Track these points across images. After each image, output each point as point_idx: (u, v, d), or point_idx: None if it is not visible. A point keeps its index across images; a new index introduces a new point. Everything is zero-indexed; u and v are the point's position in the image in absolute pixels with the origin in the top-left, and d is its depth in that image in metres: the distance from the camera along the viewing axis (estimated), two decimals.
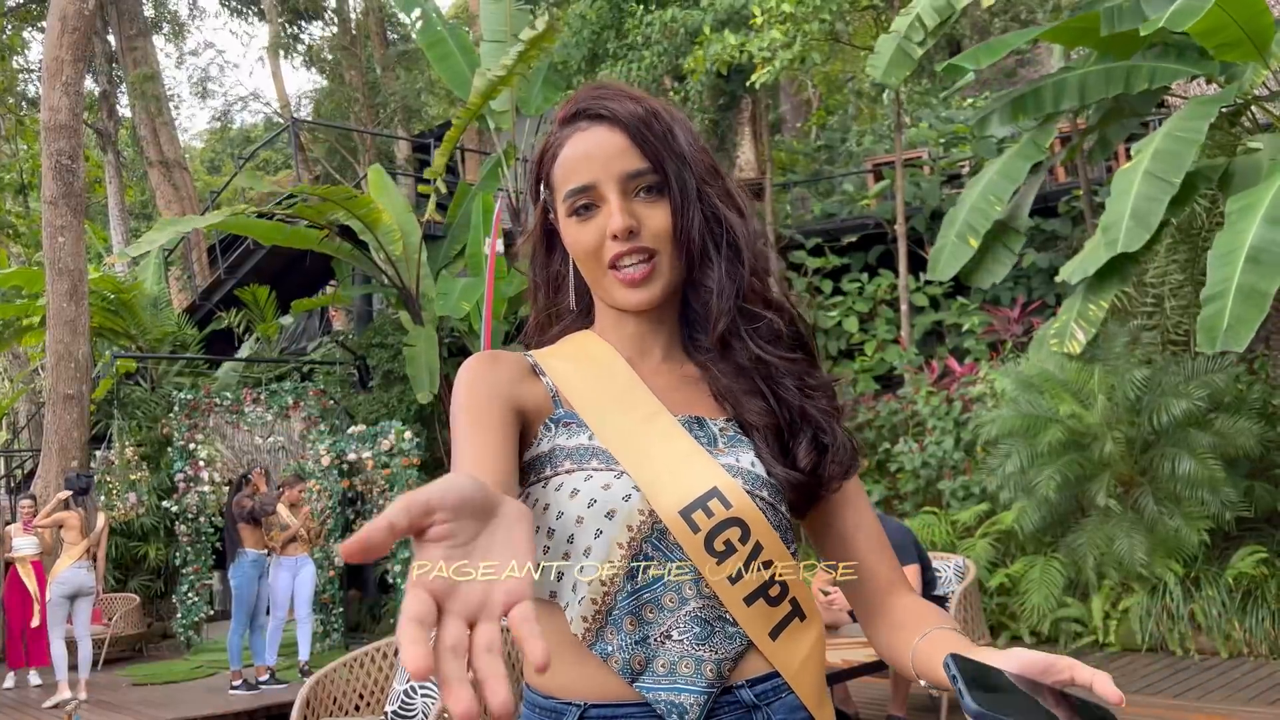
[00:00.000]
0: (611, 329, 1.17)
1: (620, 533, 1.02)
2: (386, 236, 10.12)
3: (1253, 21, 5.82)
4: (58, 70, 10.44)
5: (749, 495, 1.05)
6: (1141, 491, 6.53)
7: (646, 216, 1.10)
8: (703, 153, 1.14)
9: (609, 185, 1.09)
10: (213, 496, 9.57)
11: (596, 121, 1.11)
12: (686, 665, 1.02)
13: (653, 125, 1.11)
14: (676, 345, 1.17)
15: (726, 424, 1.12)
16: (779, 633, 1.06)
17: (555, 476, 1.06)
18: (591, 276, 1.13)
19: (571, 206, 1.11)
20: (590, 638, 1.03)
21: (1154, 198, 5.62)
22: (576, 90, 1.18)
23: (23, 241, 17.75)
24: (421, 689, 4.24)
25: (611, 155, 1.10)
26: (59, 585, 7.44)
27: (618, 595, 1.02)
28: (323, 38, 21.58)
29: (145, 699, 7.25)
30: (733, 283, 1.11)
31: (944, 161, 12.20)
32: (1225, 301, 4.97)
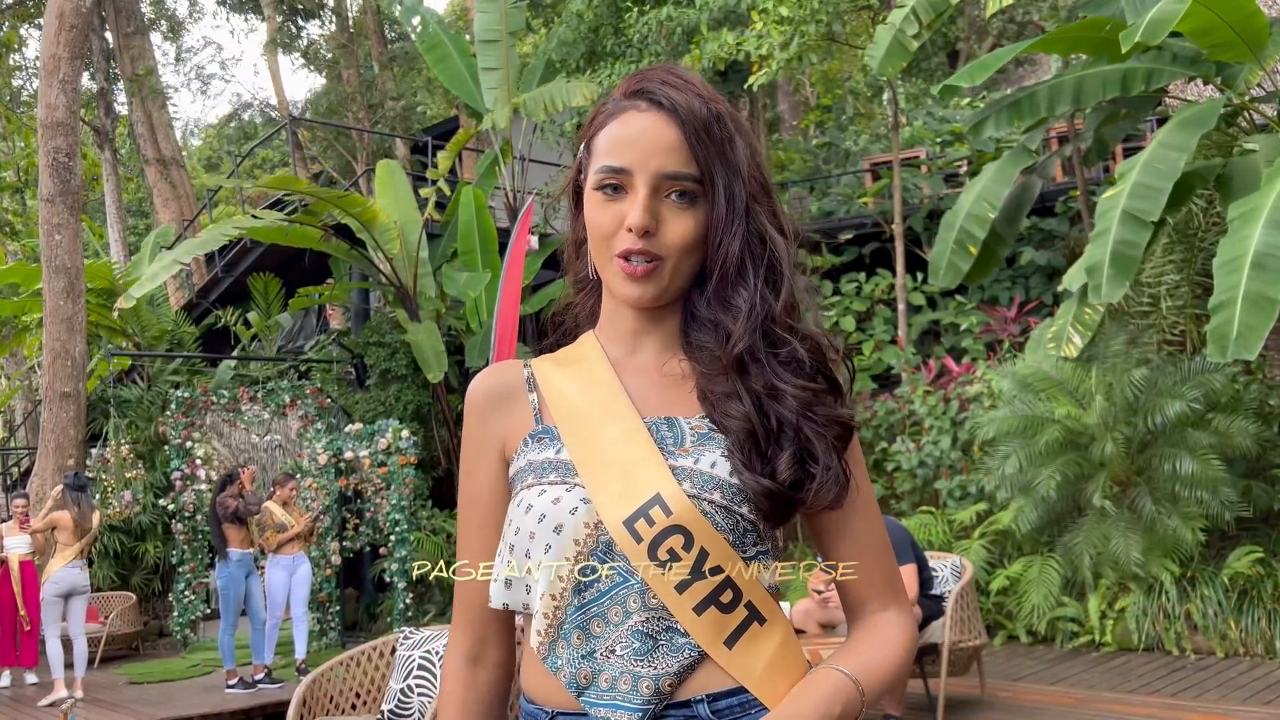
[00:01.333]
0: (611, 321, 1.17)
1: (567, 546, 1.02)
2: (383, 235, 10.11)
3: (1244, 23, 5.83)
4: (55, 67, 10.43)
5: (695, 499, 1.02)
6: (1138, 491, 6.54)
7: (669, 221, 1.07)
8: (758, 170, 1.10)
9: (642, 177, 1.07)
10: (209, 495, 9.55)
11: (655, 107, 1.08)
12: (625, 681, 1.00)
13: (712, 130, 1.08)
14: (673, 344, 1.15)
15: (700, 421, 1.08)
16: (735, 640, 1.02)
17: (520, 491, 1.08)
18: (599, 258, 1.12)
19: (599, 182, 1.09)
20: (544, 651, 1.04)
21: (1132, 242, 5.68)
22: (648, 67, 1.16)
23: (20, 239, 17.71)
24: (418, 688, 4.24)
25: (656, 148, 1.07)
26: (53, 584, 7.43)
27: (567, 609, 1.02)
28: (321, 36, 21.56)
29: (141, 697, 7.24)
30: (764, 305, 1.08)
31: (941, 161, 12.20)
32: (1234, 310, 4.96)
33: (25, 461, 15.03)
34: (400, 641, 4.47)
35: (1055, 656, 6.58)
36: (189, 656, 8.89)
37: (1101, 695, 5.59)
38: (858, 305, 10.77)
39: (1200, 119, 6.03)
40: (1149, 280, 7.24)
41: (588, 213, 1.11)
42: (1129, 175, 5.85)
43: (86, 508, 7.72)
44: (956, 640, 5.11)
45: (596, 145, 1.11)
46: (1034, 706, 5.48)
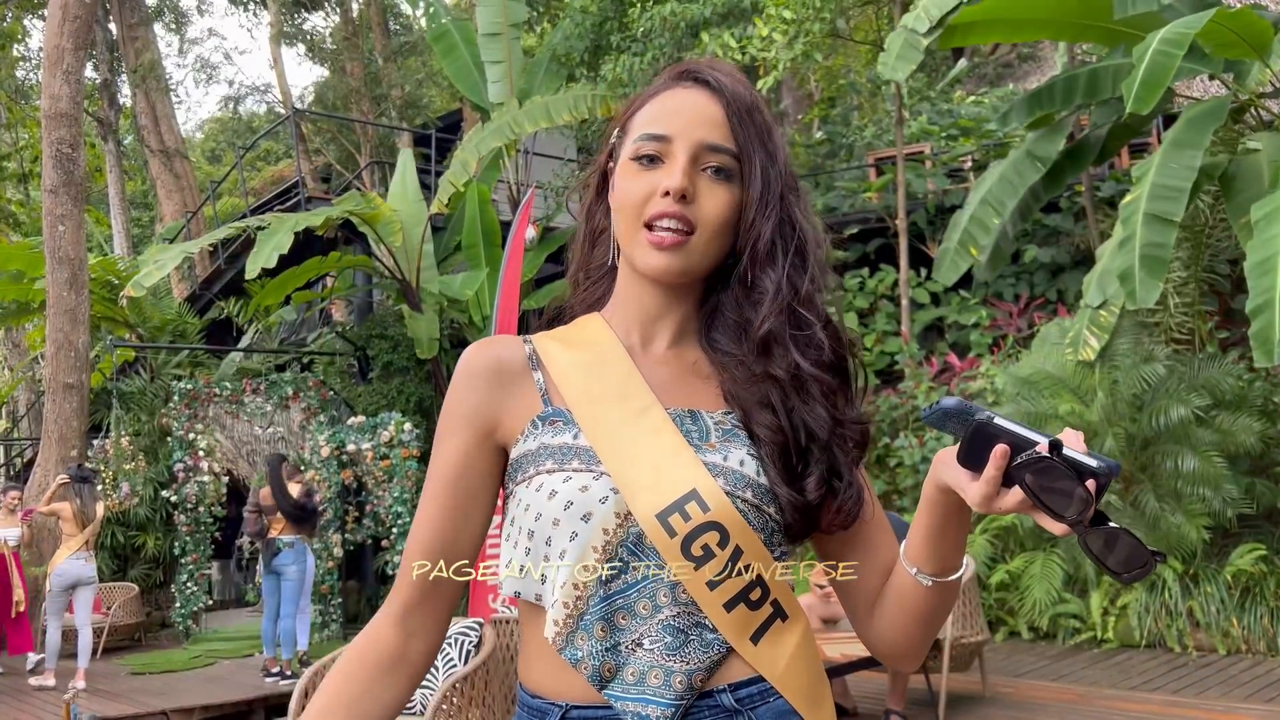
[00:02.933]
0: (625, 304, 1.13)
1: (595, 536, 1.00)
2: (385, 229, 10.11)
3: (1248, 28, 5.84)
4: (58, 58, 10.41)
5: (730, 497, 1.01)
6: (1142, 488, 6.53)
7: (705, 193, 1.06)
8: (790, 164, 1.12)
9: (683, 145, 1.06)
10: (211, 487, 9.57)
11: (701, 86, 1.09)
12: (656, 676, 0.99)
13: (754, 114, 1.09)
14: (690, 336, 1.13)
15: (724, 416, 1.08)
16: (760, 636, 1.02)
17: (537, 476, 1.04)
18: (625, 230, 1.09)
19: (638, 150, 1.08)
20: (560, 642, 1.01)
21: (1160, 243, 5.71)
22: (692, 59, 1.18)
23: (23, 230, 17.72)
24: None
25: (700, 120, 1.07)
26: (58, 577, 7.44)
27: (590, 600, 1.00)
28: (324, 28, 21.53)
29: (143, 688, 7.25)
30: (791, 288, 1.08)
31: (945, 156, 12.17)
32: (1273, 312, 4.93)
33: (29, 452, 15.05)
34: None
35: (1057, 653, 6.57)
36: (191, 648, 8.91)
37: (1103, 692, 5.59)
38: (861, 301, 10.75)
39: (1211, 115, 6.03)
40: None
41: (620, 183, 1.10)
42: (1145, 178, 5.85)
43: (89, 499, 7.71)
44: (958, 636, 5.10)
45: (634, 122, 1.11)
46: (1035, 703, 5.47)
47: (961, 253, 7.73)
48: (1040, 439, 0.87)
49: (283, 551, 7.15)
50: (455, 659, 4.23)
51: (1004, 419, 0.90)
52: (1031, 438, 0.88)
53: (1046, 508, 0.88)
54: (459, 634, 4.30)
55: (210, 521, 9.53)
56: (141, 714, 6.43)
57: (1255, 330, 5.01)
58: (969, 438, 0.91)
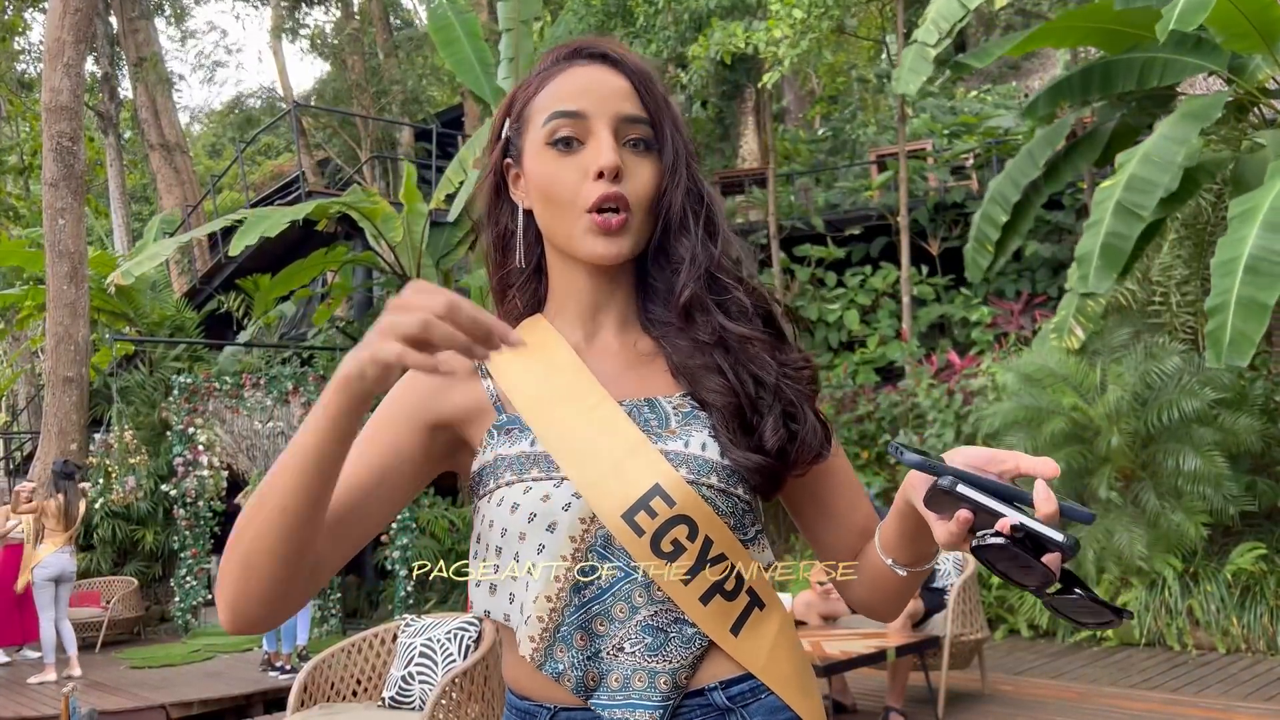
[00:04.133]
0: (563, 300, 1.09)
1: (563, 545, 0.97)
2: (386, 224, 10.10)
3: (1261, 14, 5.81)
4: (59, 51, 10.40)
5: (694, 486, 0.98)
6: (1142, 486, 6.53)
7: (632, 167, 1.03)
8: (686, 129, 1.09)
9: (602, 121, 1.02)
10: (211, 481, 9.56)
11: (598, 61, 1.06)
12: (640, 679, 0.97)
13: (655, 83, 1.07)
14: (632, 319, 1.10)
15: (682, 399, 1.05)
16: (740, 627, 1.00)
17: (498, 490, 1.01)
18: (558, 222, 1.04)
19: (552, 133, 1.02)
20: (539, 658, 0.98)
21: (1123, 234, 5.68)
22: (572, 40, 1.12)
23: (23, 223, 17.70)
24: (420, 676, 4.24)
25: (610, 94, 1.03)
26: (43, 570, 7.49)
27: (565, 611, 0.97)
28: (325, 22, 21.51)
29: (142, 681, 7.25)
30: (706, 254, 1.06)
31: (948, 154, 12.16)
32: (1227, 314, 4.89)
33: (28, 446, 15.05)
34: (402, 629, 4.47)
35: (1056, 650, 6.57)
36: (190, 642, 8.91)
37: (1102, 690, 5.59)
38: (863, 298, 10.75)
39: (1203, 112, 6.01)
40: (1158, 278, 7.22)
41: (539, 172, 1.04)
42: (1126, 167, 5.84)
43: (73, 495, 7.74)
44: (958, 634, 5.10)
45: (533, 108, 1.05)
46: (1035, 700, 5.47)
47: (980, 250, 7.91)
48: (1004, 511, 0.85)
49: None
50: (454, 654, 4.22)
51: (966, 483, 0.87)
52: (995, 509, 0.85)
53: (1006, 576, 0.88)
54: (458, 629, 4.30)
55: (210, 516, 9.53)
56: (140, 708, 6.43)
57: (1210, 329, 4.98)
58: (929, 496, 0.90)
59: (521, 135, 1.07)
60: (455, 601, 8.96)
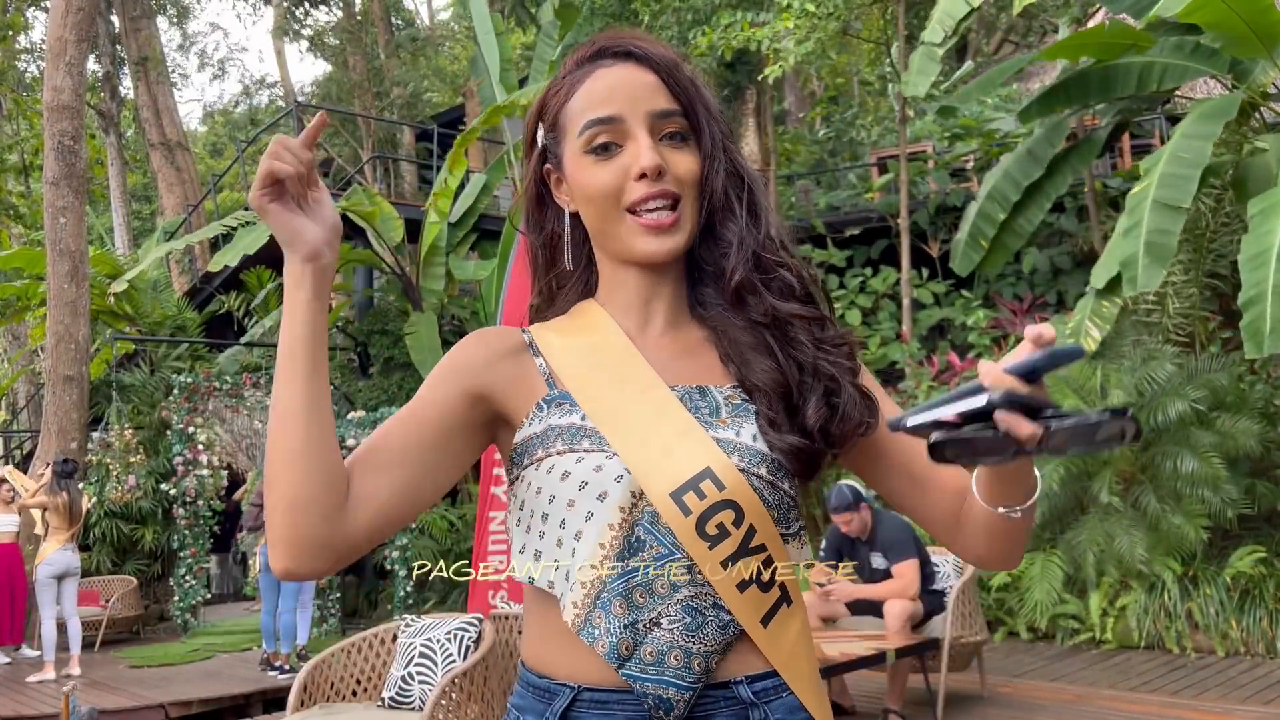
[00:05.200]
0: (615, 292, 1.11)
1: (612, 514, 0.98)
2: (385, 225, 10.11)
3: (1259, 18, 5.82)
4: (61, 50, 10.40)
5: (744, 474, 1.00)
6: (1142, 489, 6.53)
7: (673, 160, 1.04)
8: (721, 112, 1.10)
9: (636, 121, 1.03)
10: (211, 480, 9.56)
11: (623, 59, 1.06)
12: (675, 657, 0.98)
13: (682, 69, 1.07)
14: (682, 308, 1.12)
15: (733, 391, 1.07)
16: (770, 619, 1.01)
17: (547, 458, 1.02)
18: (604, 224, 1.06)
19: (590, 141, 1.04)
20: (579, 623, 0.99)
21: (1166, 229, 5.68)
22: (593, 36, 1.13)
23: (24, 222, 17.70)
24: (419, 676, 4.24)
25: (641, 92, 1.05)
26: (47, 566, 7.50)
27: (607, 579, 0.98)
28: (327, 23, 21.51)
29: (141, 680, 7.25)
30: (753, 235, 1.08)
31: (949, 156, 12.16)
32: (1264, 305, 4.97)
33: (28, 444, 15.05)
34: (402, 629, 4.48)
35: (1055, 653, 6.57)
36: (189, 641, 8.91)
37: (1101, 692, 5.59)
38: (863, 300, 10.75)
39: (1221, 110, 6.05)
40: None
41: (581, 178, 1.06)
42: (1154, 169, 5.85)
43: (75, 492, 7.75)
44: (957, 636, 5.10)
45: (568, 115, 1.07)
46: (1034, 702, 5.47)
47: (973, 245, 7.89)
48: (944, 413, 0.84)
49: None
50: (454, 654, 4.23)
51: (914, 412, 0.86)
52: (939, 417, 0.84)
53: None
54: (458, 629, 4.30)
55: (209, 515, 9.52)
56: (139, 707, 6.43)
57: (1246, 322, 5.05)
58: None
59: (559, 143, 1.09)
60: (455, 602, 8.96)
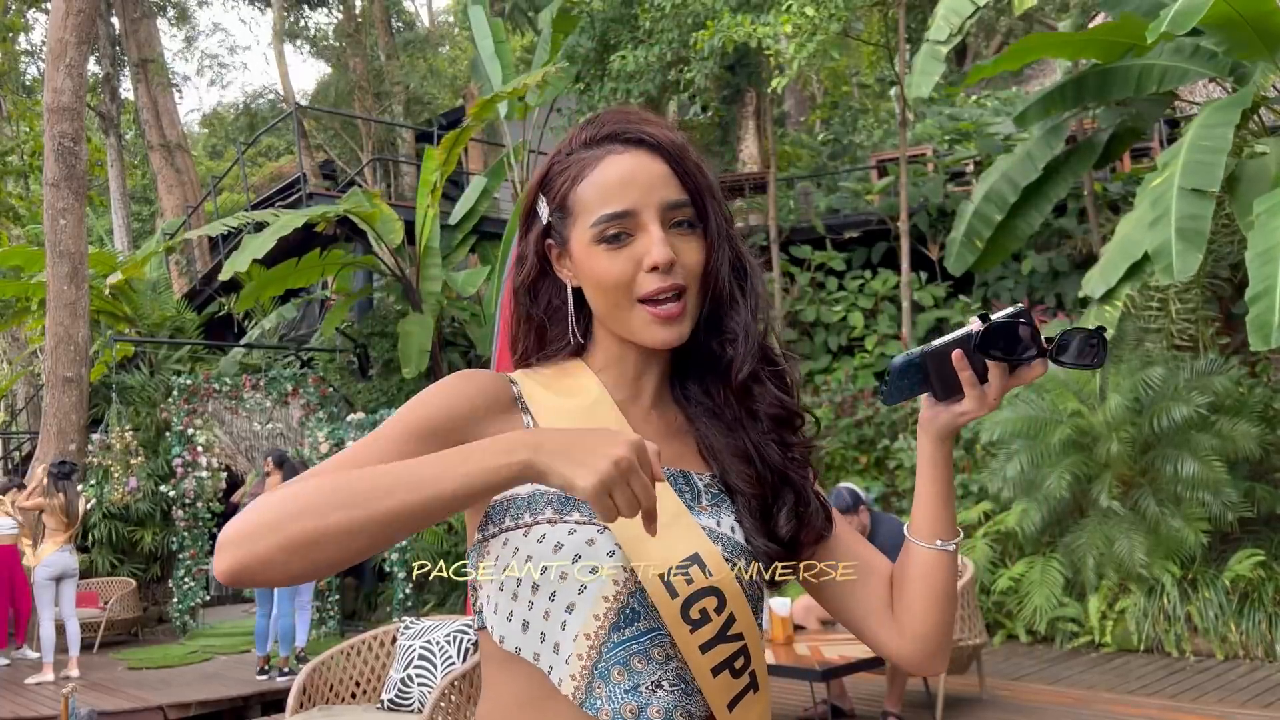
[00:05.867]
0: (611, 364, 1.11)
1: (606, 587, 0.99)
2: (385, 227, 10.11)
3: (1262, 20, 5.83)
4: (61, 52, 10.41)
5: (728, 563, 1.02)
6: (1141, 493, 6.53)
7: (681, 251, 1.05)
8: (721, 195, 1.11)
9: (650, 214, 1.04)
10: (210, 482, 9.56)
11: (634, 146, 1.06)
12: (681, 715, 0.99)
13: (689, 156, 1.07)
14: (666, 393, 1.13)
15: (712, 480, 1.09)
16: (735, 704, 1.03)
17: (537, 525, 1.00)
18: (612, 311, 1.07)
19: (602, 233, 1.04)
20: (580, 695, 0.99)
21: (1197, 215, 5.61)
22: (599, 113, 1.11)
23: (23, 224, 17.70)
24: (419, 678, 4.24)
25: (654, 183, 1.04)
26: (45, 568, 7.48)
27: (604, 647, 0.99)
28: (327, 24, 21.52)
29: (140, 682, 7.25)
30: (757, 326, 1.09)
31: (949, 159, 12.16)
32: (1272, 298, 5.00)
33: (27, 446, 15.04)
34: (401, 631, 4.47)
35: (1054, 656, 6.57)
36: (188, 643, 8.90)
37: (1100, 695, 5.59)
38: (863, 302, 10.75)
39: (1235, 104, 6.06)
40: (1156, 284, 7.22)
41: (592, 268, 1.05)
42: (1174, 161, 5.81)
43: (73, 494, 7.75)
44: (957, 639, 5.10)
45: (580, 201, 1.06)
46: (1033, 705, 5.47)
47: (968, 245, 7.89)
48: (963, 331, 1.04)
49: None
50: (454, 656, 4.22)
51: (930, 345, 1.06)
52: (961, 333, 1.04)
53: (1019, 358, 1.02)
54: (457, 632, 4.30)
55: (209, 517, 9.52)
56: (138, 709, 6.43)
57: (1253, 316, 5.07)
58: (935, 371, 1.05)
59: (566, 224, 1.08)
60: (454, 604, 8.95)
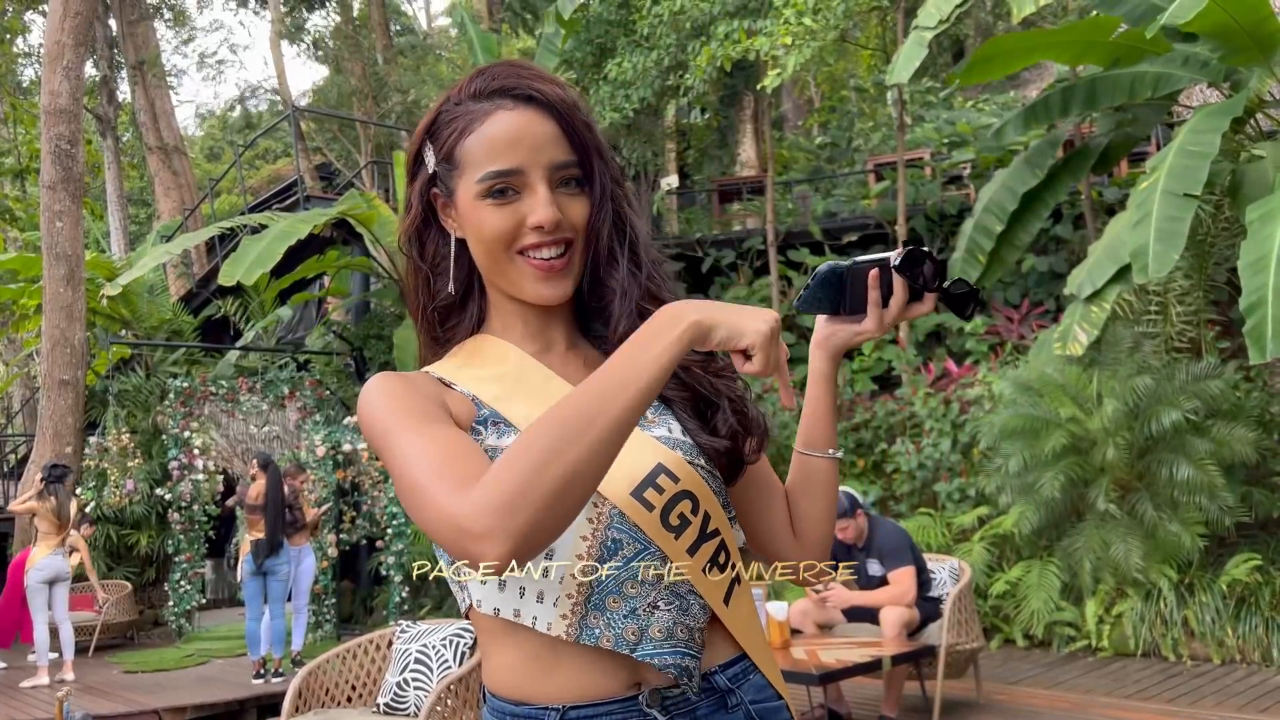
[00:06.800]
0: (511, 324, 1.13)
1: (581, 526, 1.00)
2: (382, 229, 10.12)
3: (1258, 26, 5.83)
4: (59, 54, 10.40)
5: (691, 466, 1.06)
6: (1138, 497, 6.53)
7: (567, 208, 1.07)
8: (611, 152, 1.13)
9: (536, 173, 1.05)
10: (206, 485, 9.53)
11: (525, 103, 1.06)
12: (682, 630, 1.02)
13: (578, 115, 1.08)
14: (578, 334, 1.16)
15: None
16: (729, 598, 1.07)
17: None
18: (495, 264, 1.08)
19: (489, 189, 1.05)
20: (574, 631, 1.00)
21: (1176, 217, 5.64)
22: (487, 64, 1.12)
23: (19, 226, 17.68)
24: (414, 682, 4.23)
25: (542, 142, 1.05)
26: (38, 571, 7.46)
27: (593, 584, 1.00)
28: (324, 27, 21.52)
29: (135, 686, 7.23)
30: (635, 283, 1.11)
31: (946, 163, 12.18)
32: (1266, 309, 4.97)
33: (23, 448, 15.01)
34: (397, 635, 4.46)
35: (1051, 660, 6.57)
36: (184, 646, 8.88)
37: (1097, 700, 5.59)
38: None
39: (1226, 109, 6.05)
40: (1155, 288, 7.23)
41: (475, 221, 1.07)
42: (1161, 166, 5.84)
43: (64, 497, 7.74)
44: (953, 643, 5.09)
45: (466, 154, 1.07)
46: (1030, 710, 5.47)
47: (970, 261, 7.88)
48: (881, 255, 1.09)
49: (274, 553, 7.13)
50: (450, 660, 4.21)
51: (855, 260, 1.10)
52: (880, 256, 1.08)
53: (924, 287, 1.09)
54: (453, 635, 4.29)
55: (205, 520, 9.50)
56: (134, 712, 6.41)
57: (1249, 328, 5.05)
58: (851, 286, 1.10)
59: (453, 176, 1.08)
60: (450, 608, 8.94)
